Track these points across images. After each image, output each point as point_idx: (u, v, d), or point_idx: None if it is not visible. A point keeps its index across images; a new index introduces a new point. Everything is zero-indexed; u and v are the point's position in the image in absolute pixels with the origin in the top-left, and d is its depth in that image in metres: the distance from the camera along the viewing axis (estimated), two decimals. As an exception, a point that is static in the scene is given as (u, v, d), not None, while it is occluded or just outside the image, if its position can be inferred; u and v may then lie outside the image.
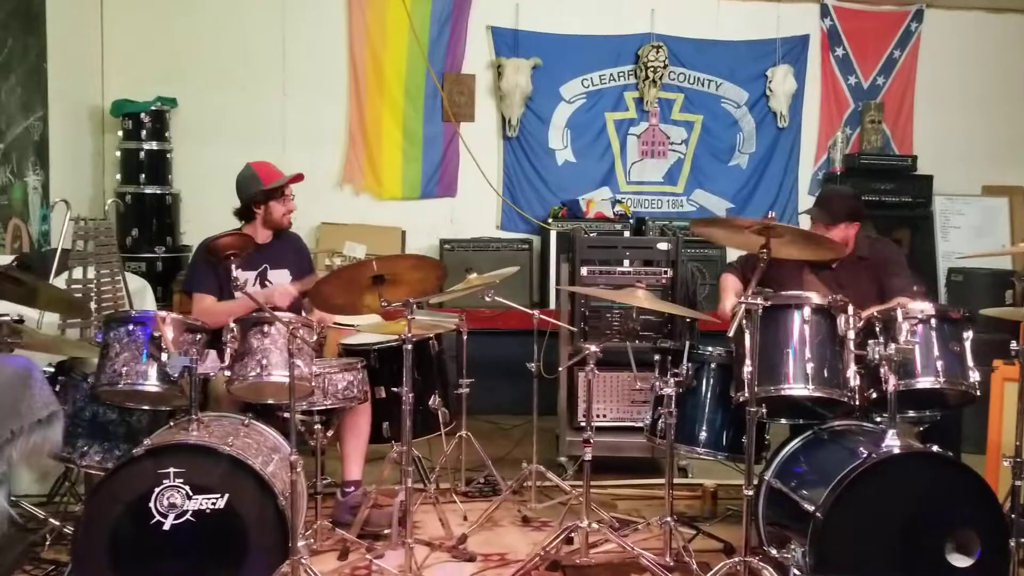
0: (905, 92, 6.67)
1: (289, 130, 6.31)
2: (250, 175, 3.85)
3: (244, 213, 3.89)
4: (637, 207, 6.52)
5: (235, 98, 6.27)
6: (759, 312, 3.02)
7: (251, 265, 3.76)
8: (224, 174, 6.31)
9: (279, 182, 3.83)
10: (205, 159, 6.19)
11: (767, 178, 6.64)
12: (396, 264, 3.39)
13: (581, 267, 4.89)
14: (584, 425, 4.98)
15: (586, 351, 3.54)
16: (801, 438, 3.33)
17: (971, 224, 6.44)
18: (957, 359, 3.17)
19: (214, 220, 6.22)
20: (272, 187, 3.81)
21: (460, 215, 6.50)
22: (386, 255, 3.55)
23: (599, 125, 6.53)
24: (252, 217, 3.87)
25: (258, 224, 3.87)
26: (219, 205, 6.28)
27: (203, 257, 3.58)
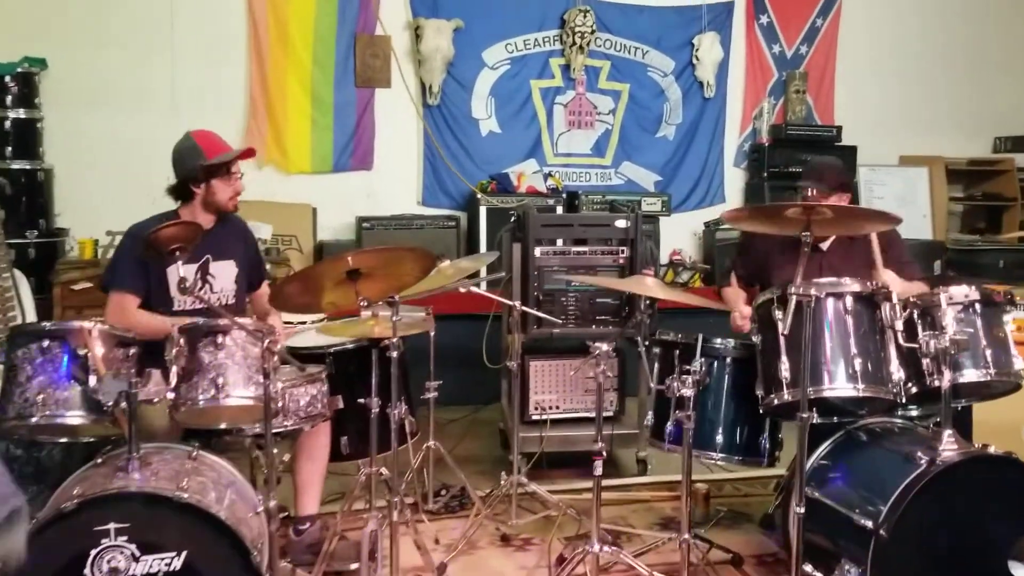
0: (827, 61, 6.43)
1: (180, 95, 5.44)
2: (189, 147, 3.08)
3: (180, 192, 3.11)
4: (566, 180, 6.01)
5: (116, 59, 5.34)
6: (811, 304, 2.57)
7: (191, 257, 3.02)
8: (106, 146, 5.45)
9: (225, 156, 3.08)
10: (83, 129, 5.28)
11: (693, 150, 6.26)
12: (375, 257, 2.74)
13: (535, 247, 4.36)
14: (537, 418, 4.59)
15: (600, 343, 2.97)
16: (832, 440, 2.91)
17: (893, 194, 6.28)
18: (1003, 347, 2.82)
19: (96, 199, 5.39)
20: (216, 162, 3.05)
21: (378, 190, 5.81)
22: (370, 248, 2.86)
23: (524, 93, 5.97)
24: (190, 197, 3.10)
25: (196, 206, 3.10)
26: (101, 181, 5.41)
27: (134, 250, 2.81)
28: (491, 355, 4.62)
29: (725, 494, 3.99)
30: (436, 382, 3.62)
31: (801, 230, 2.67)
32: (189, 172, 3.05)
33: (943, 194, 6.35)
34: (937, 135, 6.55)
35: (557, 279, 4.38)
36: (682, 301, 2.93)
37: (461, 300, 5.15)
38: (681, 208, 6.18)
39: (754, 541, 3.50)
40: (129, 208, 3.49)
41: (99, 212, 4.99)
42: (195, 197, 3.08)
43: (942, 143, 6.55)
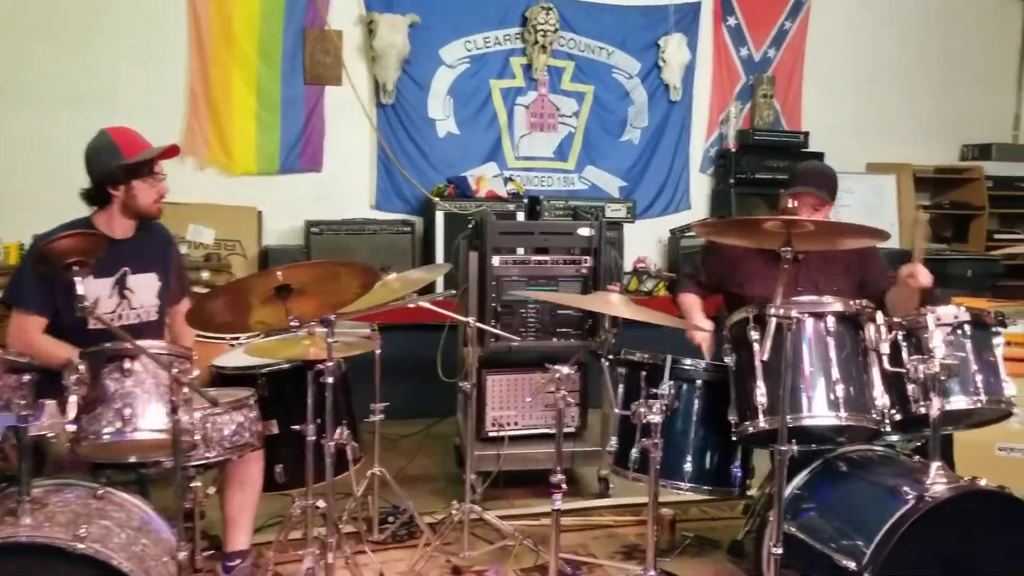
0: (795, 65, 6.23)
1: (118, 91, 5.07)
2: (105, 145, 2.74)
3: (96, 196, 2.76)
4: (527, 185, 5.74)
5: (44, 50, 4.96)
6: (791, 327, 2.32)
7: (105, 269, 2.69)
8: (30, 146, 5.03)
9: (146, 155, 2.74)
10: (10, 127, 4.89)
11: (659, 154, 6.02)
12: (308, 272, 2.44)
13: (493, 256, 4.08)
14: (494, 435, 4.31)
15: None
16: (809, 470, 2.67)
17: (861, 202, 6.09)
18: (993, 372, 2.60)
19: (24, 200, 5.01)
20: (136, 161, 2.71)
21: (328, 193, 5.48)
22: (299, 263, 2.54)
23: (484, 93, 5.68)
24: (108, 201, 2.76)
25: (115, 211, 2.77)
26: (30, 182, 5.05)
27: (33, 265, 2.48)
28: (446, 367, 4.34)
29: (691, 518, 3.74)
30: (382, 404, 3.31)
31: (780, 245, 2.43)
32: (106, 173, 2.71)
33: (911, 202, 6.18)
34: (905, 142, 6.38)
35: (516, 289, 4.13)
36: (650, 320, 2.66)
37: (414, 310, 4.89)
38: (646, 214, 5.94)
39: (723, 572, 3.26)
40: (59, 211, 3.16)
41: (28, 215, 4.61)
42: (113, 201, 2.74)
43: (910, 150, 6.39)
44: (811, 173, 3.33)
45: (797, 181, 3.27)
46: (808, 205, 3.18)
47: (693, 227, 2.60)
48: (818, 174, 3.31)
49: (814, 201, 3.18)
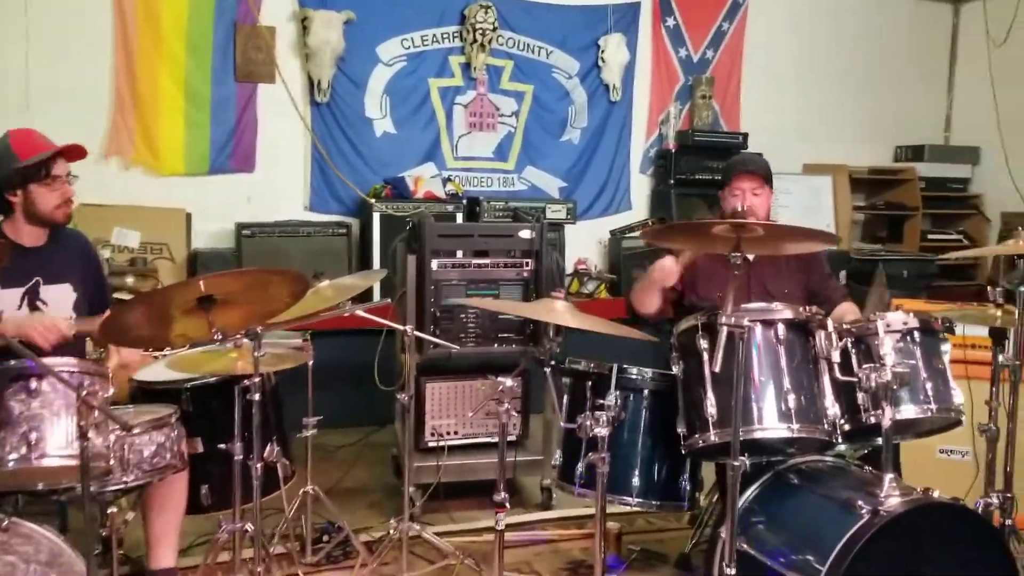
0: (733, 67, 6.19)
1: (34, 88, 4.76)
2: (2, 148, 2.51)
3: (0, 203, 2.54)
4: (466, 185, 5.59)
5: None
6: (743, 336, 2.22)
7: (15, 279, 2.46)
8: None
9: (40, 156, 2.52)
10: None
11: (599, 155, 5.92)
12: (234, 281, 2.26)
13: (431, 260, 3.93)
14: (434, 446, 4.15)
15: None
16: (760, 483, 2.58)
17: (798, 203, 6.09)
18: (942, 379, 2.54)
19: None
20: (31, 164, 2.49)
21: (260, 194, 5.25)
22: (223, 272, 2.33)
23: (422, 92, 5.51)
24: (9, 210, 2.53)
25: (19, 218, 2.55)
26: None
27: None
28: (384, 374, 4.18)
29: (637, 530, 3.64)
30: (315, 418, 3.13)
31: (730, 250, 2.33)
32: (2, 179, 2.49)
33: (847, 203, 6.20)
34: (840, 143, 6.40)
35: (456, 294, 3.99)
36: (597, 330, 2.54)
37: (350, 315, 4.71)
38: (586, 215, 5.84)
39: (672, 587, 3.18)
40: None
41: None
42: (15, 208, 2.52)
43: (845, 151, 6.41)
44: (745, 159, 3.36)
45: (733, 170, 3.23)
46: (749, 190, 3.12)
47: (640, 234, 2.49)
48: (751, 160, 3.30)
49: (754, 184, 3.12)
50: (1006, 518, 2.66)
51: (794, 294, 3.29)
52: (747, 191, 3.14)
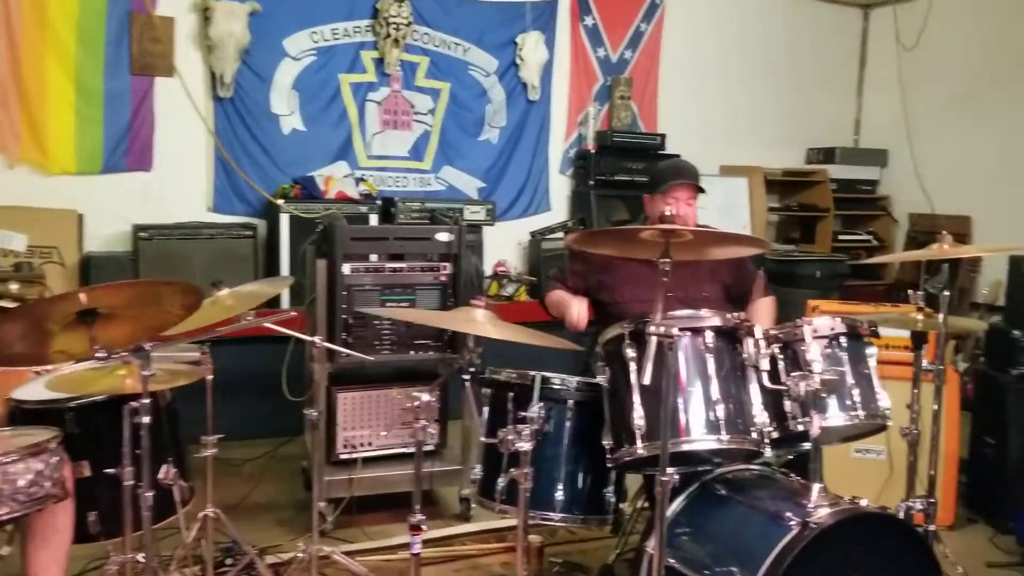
0: (651, 68, 6.16)
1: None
2: None
3: None
4: (380, 185, 5.40)
5: None
6: (671, 346, 2.12)
7: None
8: None
9: None
10: None
11: (518, 155, 5.81)
12: (119, 293, 2.04)
13: (343, 264, 3.74)
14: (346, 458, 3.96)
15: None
16: (686, 495, 2.48)
17: (715, 204, 6.08)
18: (868, 385, 2.50)
19: None
20: None
21: (159, 194, 4.96)
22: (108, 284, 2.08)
23: (333, 88, 5.29)
24: None
25: None
26: None
27: None
28: (293, 384, 3.98)
29: (560, 541, 3.52)
30: (216, 436, 2.91)
31: (659, 256, 2.22)
32: None
33: (762, 204, 6.24)
34: (756, 145, 6.46)
35: (370, 299, 3.81)
36: (519, 340, 2.41)
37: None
38: (505, 216, 5.72)
39: (595, 600, 3.07)
40: None
41: None
42: None
43: (760, 153, 6.47)
44: (682, 169, 3.20)
45: (670, 176, 3.11)
46: (684, 200, 3.04)
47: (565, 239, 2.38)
48: (688, 170, 3.19)
49: (689, 195, 3.05)
50: (930, 523, 2.64)
51: (713, 296, 3.23)
52: (682, 201, 3.06)
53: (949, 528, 3.96)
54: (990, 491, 4.07)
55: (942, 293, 2.59)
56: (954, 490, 4.02)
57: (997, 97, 5.92)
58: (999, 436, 4.04)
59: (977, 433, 4.22)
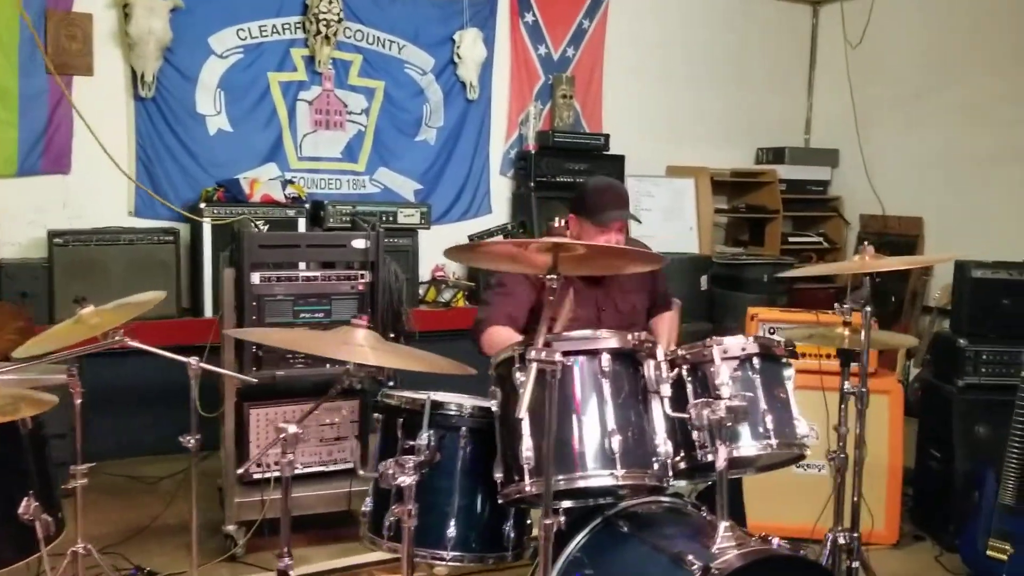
0: (594, 66, 5.92)
1: None
2: None
3: None
4: (312, 188, 5.13)
5: None
6: (555, 374, 1.87)
7: None
8: None
9: None
10: None
11: (457, 156, 5.56)
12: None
13: (251, 273, 3.48)
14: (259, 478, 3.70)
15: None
16: (588, 530, 2.25)
17: (660, 206, 5.87)
18: (784, 410, 2.27)
19: None
20: None
21: (77, 198, 4.67)
22: None
23: (261, 87, 5.01)
24: None
25: None
26: None
27: None
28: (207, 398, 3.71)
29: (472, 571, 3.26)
30: (85, 466, 2.63)
31: (547, 272, 1.98)
32: None
33: (709, 206, 6.02)
34: (704, 145, 6.23)
35: (283, 310, 3.55)
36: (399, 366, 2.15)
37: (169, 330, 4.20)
38: (444, 219, 5.47)
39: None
40: None
41: None
42: None
43: (709, 153, 6.24)
44: (621, 196, 2.90)
45: (611, 207, 2.82)
46: (619, 229, 2.81)
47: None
48: (625, 196, 2.92)
49: (624, 224, 2.81)
50: (852, 559, 2.42)
51: (640, 308, 3.03)
52: (618, 231, 2.83)
53: (893, 546, 3.78)
54: (936, 506, 3.88)
55: (864, 309, 2.37)
56: (898, 507, 3.83)
57: (945, 96, 5.73)
58: (945, 450, 3.85)
59: (923, 444, 4.03)
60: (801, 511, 3.56)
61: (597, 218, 2.81)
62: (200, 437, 2.67)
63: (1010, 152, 5.34)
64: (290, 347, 2.87)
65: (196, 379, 2.58)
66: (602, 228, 2.80)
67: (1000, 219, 5.33)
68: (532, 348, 1.85)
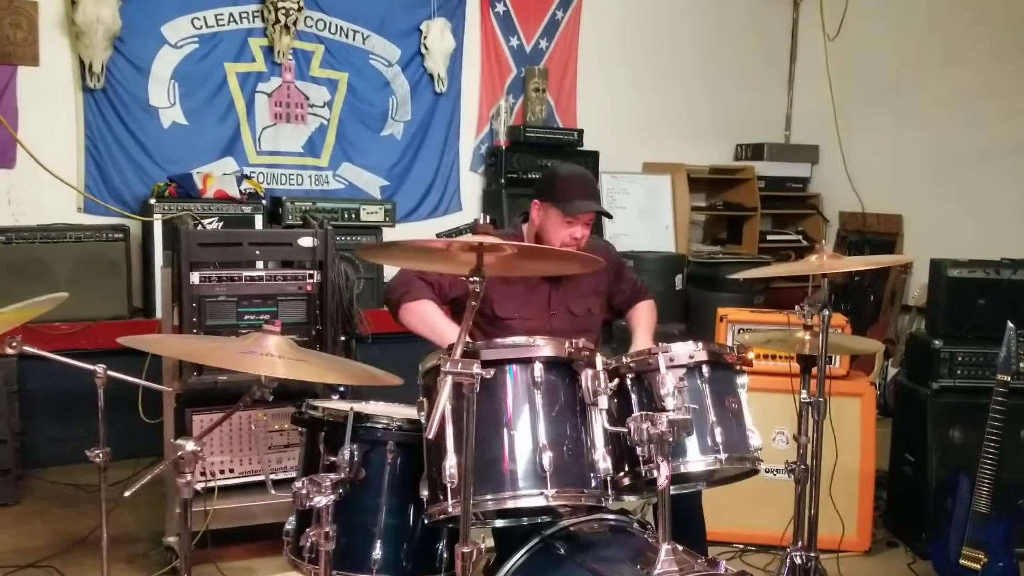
0: (568, 59, 5.74)
1: None
2: None
3: None
4: (272, 183, 4.94)
5: None
6: (476, 384, 1.69)
7: None
8: None
9: None
10: None
11: (425, 151, 5.37)
12: None
13: (191, 273, 3.28)
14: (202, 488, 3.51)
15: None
16: (526, 549, 2.07)
17: (636, 203, 5.69)
18: (736, 422, 2.09)
19: None
20: None
21: (24, 194, 4.47)
22: None
23: (218, 78, 4.81)
24: None
25: None
26: None
27: None
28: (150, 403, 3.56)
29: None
30: None
31: (469, 274, 1.80)
32: None
33: (686, 203, 5.84)
34: (681, 141, 6.05)
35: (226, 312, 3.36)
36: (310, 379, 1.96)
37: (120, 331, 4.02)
38: (412, 217, 5.29)
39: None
40: None
41: None
42: None
43: (686, 150, 6.06)
44: (591, 187, 2.71)
45: (580, 197, 2.62)
46: (587, 225, 2.64)
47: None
48: (595, 187, 2.73)
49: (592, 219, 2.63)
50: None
51: (596, 310, 2.85)
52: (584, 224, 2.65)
53: (866, 553, 3.64)
54: (910, 512, 3.73)
55: (821, 313, 2.19)
56: (870, 513, 3.68)
57: (924, 91, 5.57)
58: (919, 454, 3.70)
59: (897, 448, 3.88)
60: (769, 517, 3.44)
61: (565, 207, 2.61)
62: (109, 450, 2.46)
63: (992, 149, 5.18)
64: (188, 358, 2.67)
65: (103, 387, 2.38)
66: (569, 219, 2.61)
67: (981, 217, 5.17)
68: (447, 359, 1.66)
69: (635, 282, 2.99)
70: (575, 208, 2.60)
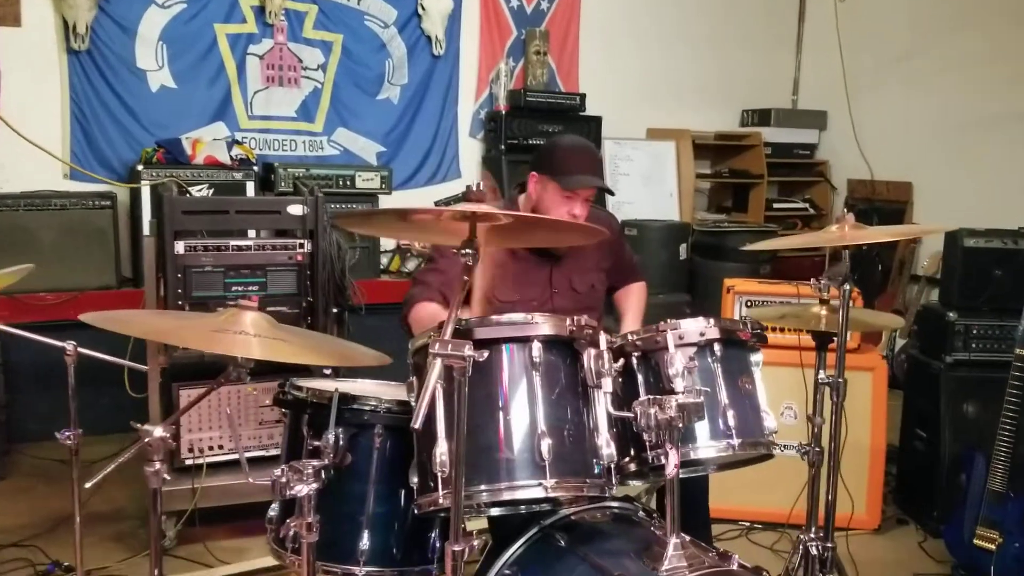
0: (570, 20, 5.50)
1: None
2: None
3: None
4: (264, 149, 4.74)
5: None
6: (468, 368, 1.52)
7: None
8: None
9: None
10: None
11: (423, 116, 5.16)
12: None
13: (176, 242, 3.12)
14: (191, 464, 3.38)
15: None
16: (524, 540, 1.92)
17: (639, 170, 5.49)
18: (750, 404, 1.93)
19: None
20: None
21: (7, 160, 4.27)
22: None
23: (207, 40, 4.60)
24: None
25: None
26: None
27: None
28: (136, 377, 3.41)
29: None
30: None
31: (461, 246, 1.63)
32: None
33: (690, 170, 5.64)
34: (687, 107, 5.83)
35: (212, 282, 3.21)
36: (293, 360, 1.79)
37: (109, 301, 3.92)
38: (409, 184, 5.10)
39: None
40: None
41: None
42: None
43: (691, 115, 5.84)
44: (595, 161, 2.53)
45: (581, 171, 2.44)
46: (587, 201, 2.46)
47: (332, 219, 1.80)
48: (598, 161, 2.55)
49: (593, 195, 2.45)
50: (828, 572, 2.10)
51: (600, 288, 2.68)
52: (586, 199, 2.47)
53: (875, 531, 3.52)
54: (921, 489, 3.60)
55: (842, 287, 2.02)
56: (880, 490, 3.56)
57: (937, 55, 5.33)
58: (931, 430, 3.56)
59: (908, 423, 3.73)
60: (776, 494, 3.32)
61: (564, 181, 2.43)
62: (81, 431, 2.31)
63: (1004, 115, 4.96)
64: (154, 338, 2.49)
65: (73, 364, 2.22)
66: (568, 194, 2.43)
67: (993, 184, 4.97)
68: (437, 340, 1.49)
69: (631, 259, 2.82)
70: (575, 183, 2.42)
